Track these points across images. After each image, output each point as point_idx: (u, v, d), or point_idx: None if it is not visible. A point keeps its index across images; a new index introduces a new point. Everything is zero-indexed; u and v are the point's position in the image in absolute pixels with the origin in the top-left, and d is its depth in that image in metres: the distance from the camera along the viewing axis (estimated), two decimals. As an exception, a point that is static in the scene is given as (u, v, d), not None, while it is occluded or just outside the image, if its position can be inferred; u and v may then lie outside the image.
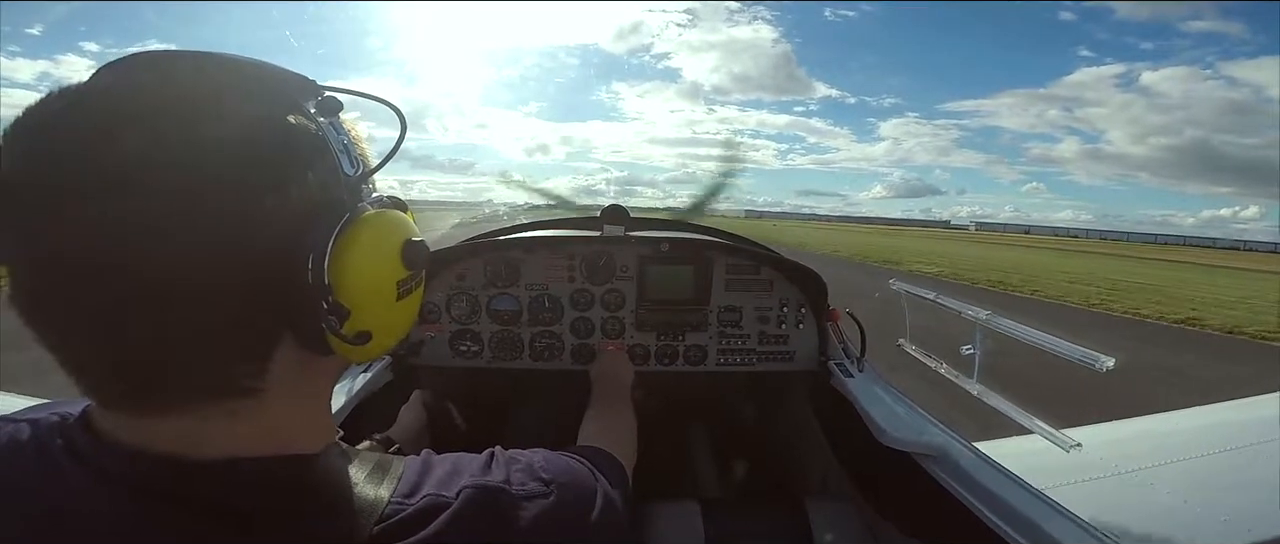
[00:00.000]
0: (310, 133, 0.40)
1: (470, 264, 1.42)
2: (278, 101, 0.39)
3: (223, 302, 0.35)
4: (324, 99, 0.42)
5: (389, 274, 0.43)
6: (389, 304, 0.43)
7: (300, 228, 0.37)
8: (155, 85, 0.35)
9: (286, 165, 0.38)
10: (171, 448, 0.37)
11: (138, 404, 0.37)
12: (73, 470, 0.37)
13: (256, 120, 0.37)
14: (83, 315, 0.33)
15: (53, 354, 0.34)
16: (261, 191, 0.36)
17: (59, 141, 0.33)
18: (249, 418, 0.39)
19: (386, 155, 0.46)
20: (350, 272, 0.39)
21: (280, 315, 0.38)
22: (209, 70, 0.38)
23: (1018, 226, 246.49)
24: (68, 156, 0.32)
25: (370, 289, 0.42)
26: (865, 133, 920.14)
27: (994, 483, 0.93)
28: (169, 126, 0.34)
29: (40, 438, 0.39)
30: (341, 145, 0.42)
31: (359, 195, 0.43)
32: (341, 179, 0.41)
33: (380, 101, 0.49)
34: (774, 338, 1.48)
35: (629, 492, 0.64)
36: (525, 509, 0.44)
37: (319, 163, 0.40)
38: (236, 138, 0.35)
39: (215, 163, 0.34)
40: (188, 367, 0.36)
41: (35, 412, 0.42)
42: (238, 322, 0.36)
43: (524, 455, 0.50)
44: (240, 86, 0.38)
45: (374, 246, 0.42)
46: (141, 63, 0.37)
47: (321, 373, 0.46)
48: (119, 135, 0.32)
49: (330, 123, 0.42)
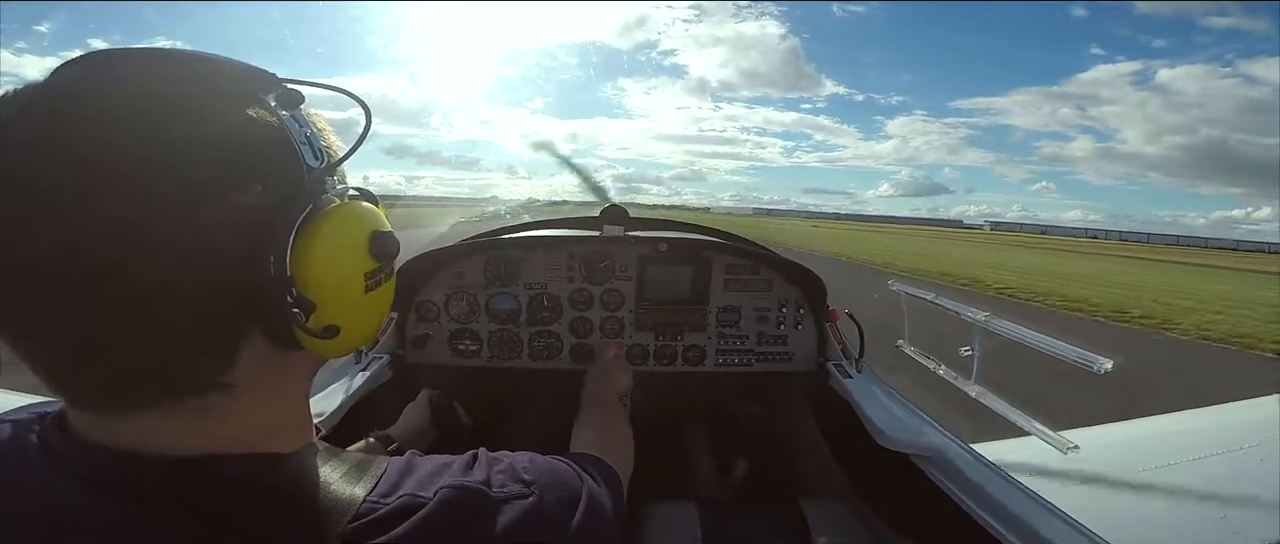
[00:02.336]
0: (271, 126, 0.40)
1: (469, 263, 1.42)
2: (236, 97, 0.39)
3: (186, 299, 0.35)
4: (284, 92, 0.42)
5: (355, 266, 0.43)
6: (356, 297, 0.43)
7: (262, 221, 0.37)
8: (111, 84, 0.35)
9: (246, 160, 0.38)
10: (141, 446, 0.37)
11: (106, 403, 0.37)
12: (46, 469, 0.37)
13: (215, 116, 0.37)
14: (45, 317, 0.33)
15: (20, 356, 0.34)
16: (221, 187, 0.36)
17: (12, 143, 0.32)
18: (220, 416, 0.39)
19: (350, 148, 0.46)
20: (314, 264, 0.39)
21: (246, 311, 0.38)
22: (166, 67, 0.37)
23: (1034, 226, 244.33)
24: (24, 157, 0.32)
25: (336, 282, 0.41)
26: (872, 131, 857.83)
27: (991, 485, 0.93)
28: (126, 125, 0.33)
29: (16, 437, 0.40)
30: (304, 137, 0.42)
31: (323, 188, 0.42)
32: (304, 172, 0.41)
33: (344, 93, 0.48)
34: (773, 338, 1.48)
35: (621, 495, 0.63)
36: (503, 511, 0.43)
37: (280, 156, 0.40)
38: (195, 134, 0.35)
39: (174, 160, 0.34)
40: (153, 365, 0.35)
41: (16, 412, 0.43)
42: (202, 318, 0.36)
43: (508, 457, 0.50)
44: (198, 82, 0.38)
45: (338, 238, 0.41)
46: (97, 62, 0.37)
47: (294, 370, 0.45)
48: (75, 135, 0.32)
49: (292, 115, 0.41)
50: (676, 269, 1.44)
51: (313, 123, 0.44)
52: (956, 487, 0.96)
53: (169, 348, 0.35)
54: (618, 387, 1.12)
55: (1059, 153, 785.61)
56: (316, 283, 0.39)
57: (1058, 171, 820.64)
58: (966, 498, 0.93)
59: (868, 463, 1.19)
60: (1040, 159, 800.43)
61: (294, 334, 0.40)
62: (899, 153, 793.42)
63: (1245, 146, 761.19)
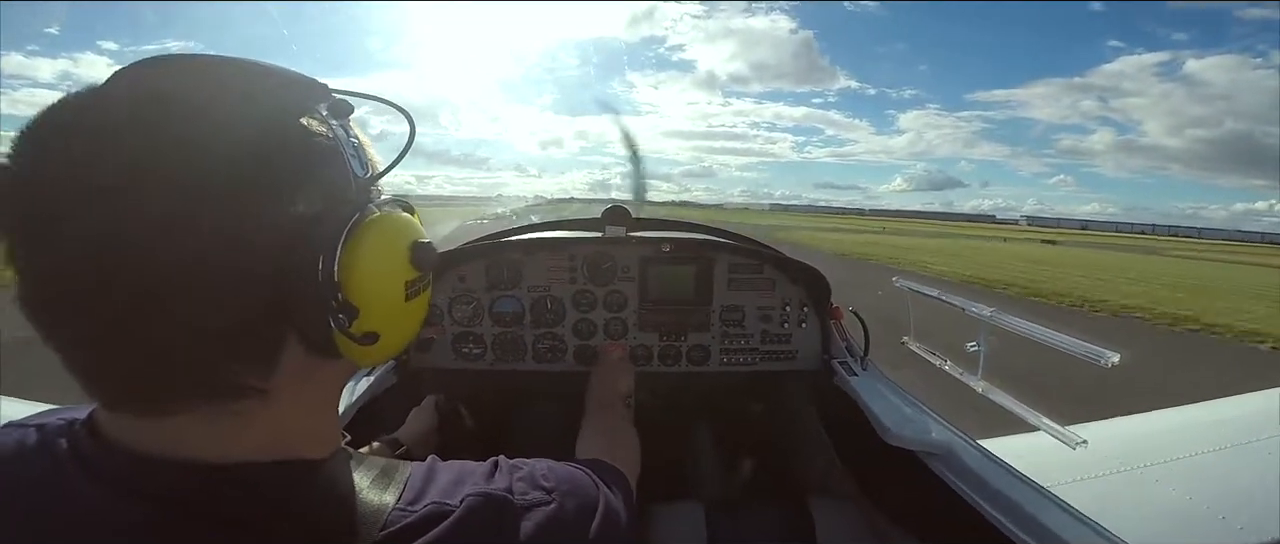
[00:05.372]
0: (322, 135, 0.41)
1: (472, 266, 1.42)
2: (290, 105, 0.40)
3: (232, 303, 0.35)
4: (335, 102, 0.43)
5: (398, 274, 0.44)
6: (397, 305, 0.44)
7: (310, 229, 0.38)
8: (167, 90, 0.36)
9: (298, 168, 0.39)
10: (175, 452, 0.37)
11: (143, 405, 0.37)
12: (76, 474, 0.37)
13: (269, 123, 0.38)
14: (89, 317, 0.33)
15: (58, 354, 0.35)
16: (274, 194, 0.36)
17: (73, 146, 0.33)
18: (256, 422, 0.39)
19: (396, 157, 0.47)
20: (359, 271, 0.40)
21: (289, 317, 0.38)
22: (222, 74, 0.38)
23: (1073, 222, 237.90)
24: (81, 161, 0.33)
25: (379, 289, 0.42)
26: (885, 125, 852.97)
27: (999, 481, 0.92)
28: (181, 131, 0.34)
29: (47, 442, 0.40)
30: (352, 147, 0.42)
31: (368, 197, 0.43)
32: (352, 181, 0.42)
33: (390, 104, 0.49)
34: (777, 337, 1.48)
35: (632, 501, 0.64)
36: (527, 518, 0.44)
37: (330, 165, 0.41)
38: (250, 141, 0.36)
39: (228, 166, 0.34)
40: (195, 367, 0.36)
41: (44, 417, 0.43)
42: (247, 323, 0.36)
43: (527, 464, 0.50)
44: (253, 90, 0.38)
45: (383, 247, 0.42)
46: (155, 67, 0.38)
47: (329, 378, 0.46)
48: (132, 139, 0.33)
49: (341, 125, 0.42)
50: (679, 269, 1.44)
51: (357, 133, 0.45)
52: (964, 483, 0.96)
53: (213, 351, 0.36)
54: (621, 389, 1.12)
55: (1077, 146, 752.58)
56: (360, 290, 0.40)
57: (1075, 164, 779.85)
58: (974, 494, 0.93)
59: (874, 461, 1.18)
60: (1057, 152, 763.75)
61: (333, 341, 0.40)
62: (913, 147, 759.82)
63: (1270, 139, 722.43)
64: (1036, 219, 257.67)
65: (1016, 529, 0.83)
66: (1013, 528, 0.84)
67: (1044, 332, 1.15)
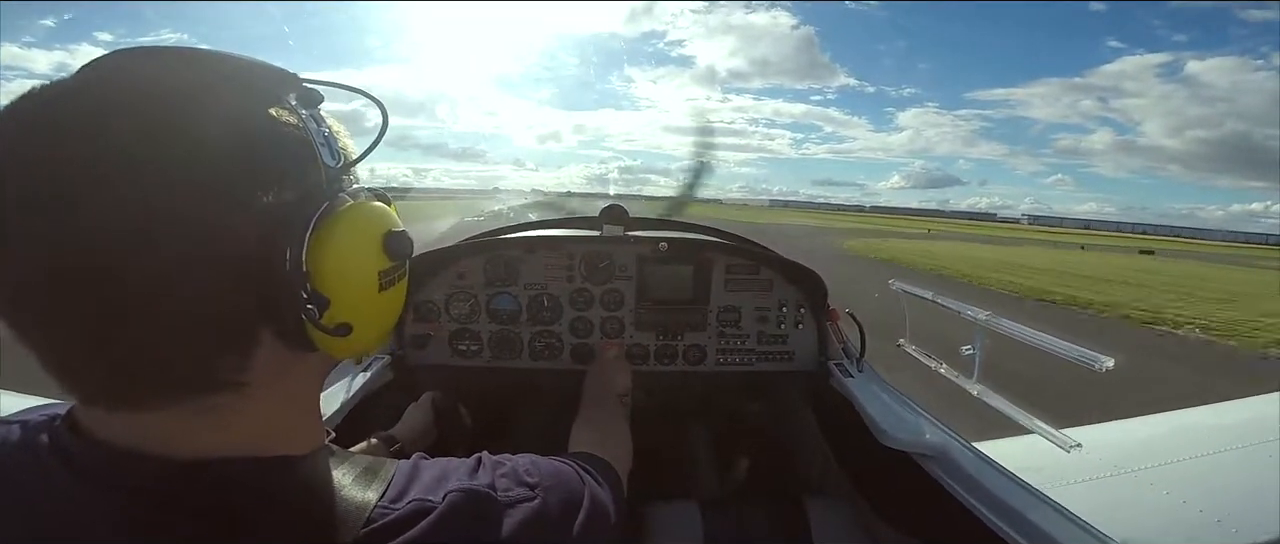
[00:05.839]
0: (291, 125, 0.40)
1: (469, 263, 1.42)
2: (259, 95, 0.39)
3: (204, 295, 0.35)
4: (304, 91, 0.42)
5: (370, 264, 0.43)
6: (370, 295, 0.44)
7: (280, 218, 0.37)
8: (134, 82, 0.35)
9: (268, 158, 0.38)
10: (153, 447, 0.37)
11: (119, 399, 0.37)
12: (57, 469, 0.37)
13: (238, 114, 0.37)
14: (63, 313, 0.33)
15: (33, 352, 0.34)
16: (243, 185, 0.36)
17: (39, 141, 0.32)
18: (234, 418, 0.39)
19: (368, 146, 0.47)
20: (329, 261, 0.39)
21: (260, 307, 0.38)
22: (189, 66, 0.38)
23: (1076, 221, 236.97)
24: (44, 158, 0.32)
25: (350, 279, 0.42)
26: (884, 122, 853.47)
27: (994, 483, 0.93)
28: (150, 123, 0.34)
29: (28, 438, 0.40)
30: (322, 137, 0.42)
31: (339, 186, 0.43)
32: (322, 171, 0.41)
33: (362, 93, 0.49)
34: (773, 338, 1.48)
35: (622, 495, 0.64)
36: (510, 513, 0.44)
37: (300, 155, 0.40)
38: (216, 133, 0.35)
39: (197, 158, 0.34)
40: (169, 361, 0.36)
41: (28, 413, 0.43)
42: (218, 315, 0.36)
43: (510, 460, 0.50)
44: (221, 81, 0.38)
45: (353, 237, 0.42)
46: (121, 60, 0.37)
47: (307, 372, 0.46)
48: (100, 132, 0.33)
49: (311, 115, 0.42)
50: (676, 269, 1.44)
51: (329, 123, 0.44)
52: (959, 485, 0.96)
53: (186, 343, 0.36)
54: (618, 387, 1.12)
55: (1076, 145, 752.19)
56: (331, 279, 0.40)
57: (1073, 164, 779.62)
58: (969, 496, 0.93)
59: (869, 462, 1.19)
60: (1055, 152, 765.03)
61: (307, 333, 0.40)
62: (911, 144, 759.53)
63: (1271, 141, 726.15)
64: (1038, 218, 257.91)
65: (1010, 530, 0.84)
66: (1006, 529, 0.84)
67: (1038, 336, 1.15)
